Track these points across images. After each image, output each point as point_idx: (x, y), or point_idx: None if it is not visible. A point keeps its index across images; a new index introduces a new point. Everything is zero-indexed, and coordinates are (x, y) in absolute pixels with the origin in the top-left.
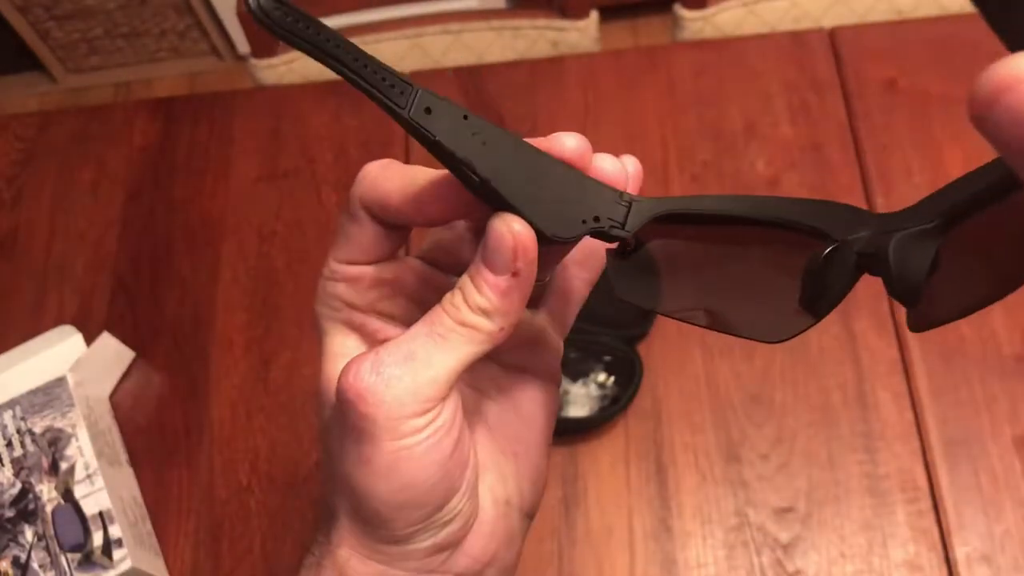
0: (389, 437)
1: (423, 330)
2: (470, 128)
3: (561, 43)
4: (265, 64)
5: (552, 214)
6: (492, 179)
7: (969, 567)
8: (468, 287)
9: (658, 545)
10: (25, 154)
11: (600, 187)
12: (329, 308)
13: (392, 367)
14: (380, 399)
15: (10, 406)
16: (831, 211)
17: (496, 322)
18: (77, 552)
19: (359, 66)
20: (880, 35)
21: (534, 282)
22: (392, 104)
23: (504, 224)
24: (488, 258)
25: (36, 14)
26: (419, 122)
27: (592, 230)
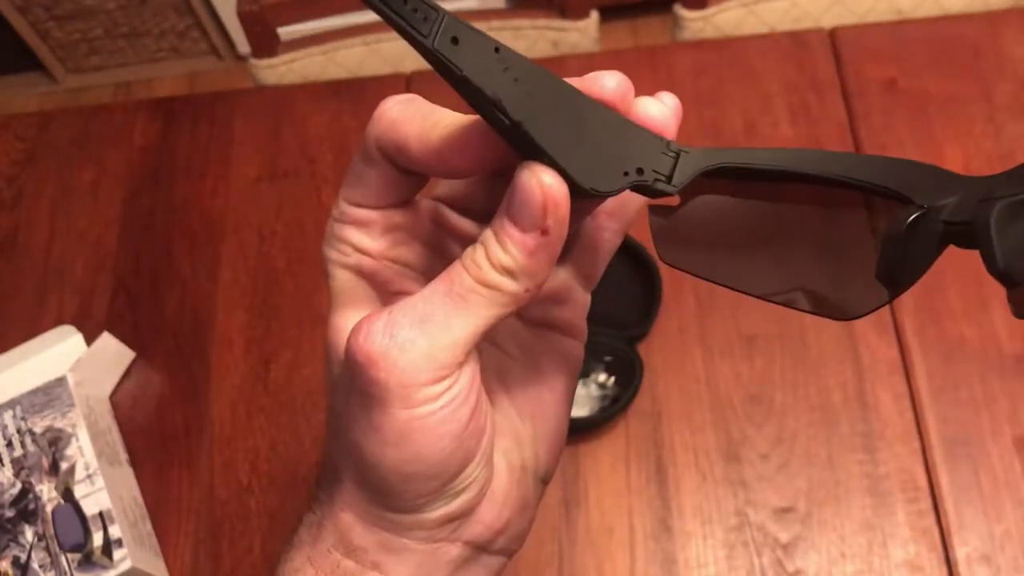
0: (401, 405)
1: (441, 289)
2: (502, 62)
3: (561, 43)
4: (265, 64)
5: (590, 164)
6: (524, 122)
7: (969, 567)
8: (491, 243)
9: (658, 545)
10: (25, 154)
11: (644, 134)
12: (338, 252)
13: (406, 329)
14: (393, 364)
15: (10, 406)
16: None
17: (521, 283)
18: (77, 552)
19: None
20: (880, 35)
21: (564, 239)
22: (413, 30)
23: (533, 176)
24: (514, 213)
25: (36, 14)
26: (444, 53)
27: (634, 183)
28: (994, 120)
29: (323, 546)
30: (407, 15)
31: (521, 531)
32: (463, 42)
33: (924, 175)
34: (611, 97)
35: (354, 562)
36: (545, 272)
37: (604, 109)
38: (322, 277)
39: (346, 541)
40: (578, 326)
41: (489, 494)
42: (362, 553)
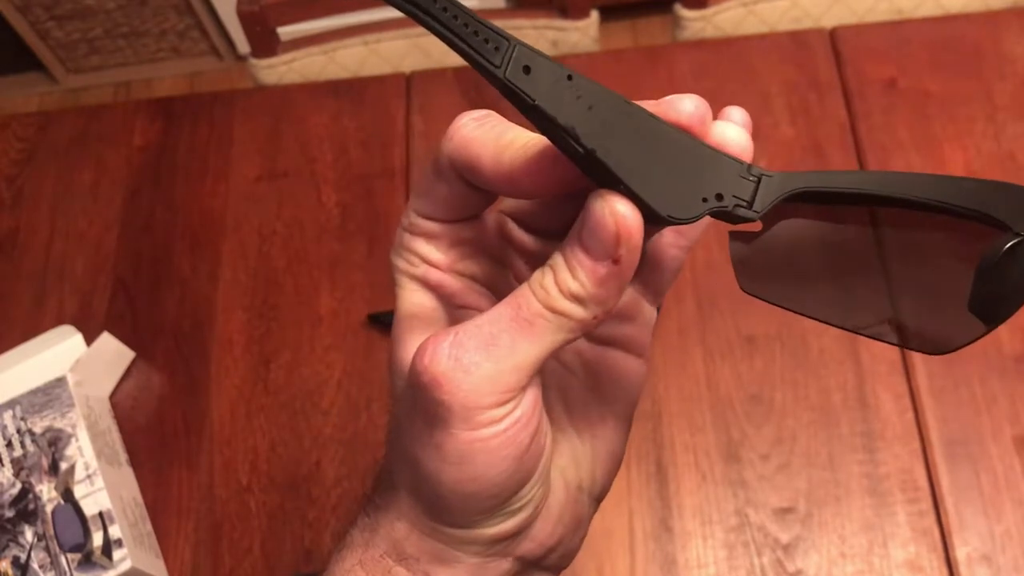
0: (464, 427)
1: (507, 312)
2: (574, 90)
3: (561, 43)
4: (265, 64)
5: (667, 191)
6: (598, 150)
7: (969, 567)
8: (561, 268)
9: (658, 545)
10: (25, 154)
11: (722, 158)
12: (406, 262)
13: (472, 352)
14: (457, 386)
15: (10, 406)
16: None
17: (589, 310)
18: (77, 552)
19: (447, 16)
20: (880, 35)
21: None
22: (485, 62)
23: (606, 205)
24: (586, 241)
25: (36, 14)
26: (516, 83)
27: (715, 210)
28: (994, 120)
29: (375, 552)
30: (478, 46)
31: (572, 548)
32: (535, 71)
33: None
34: (688, 121)
35: (405, 570)
36: (615, 300)
37: (680, 133)
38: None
39: (399, 549)
40: (643, 343)
41: (544, 512)
42: (414, 562)
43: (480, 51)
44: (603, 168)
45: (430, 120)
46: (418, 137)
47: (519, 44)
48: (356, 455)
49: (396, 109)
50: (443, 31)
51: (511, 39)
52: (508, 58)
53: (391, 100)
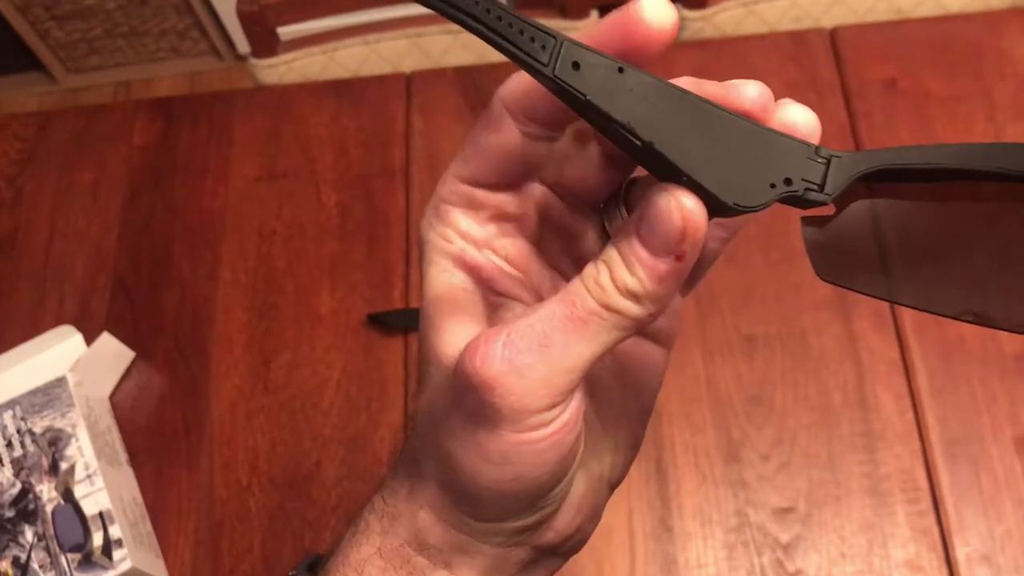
0: (512, 429)
1: (560, 310)
2: (627, 83)
3: None
4: (265, 64)
5: (732, 179)
6: (656, 142)
7: (970, 567)
8: (617, 264)
9: (658, 546)
10: (25, 154)
11: (789, 142)
12: (440, 237)
13: (525, 354)
14: (510, 390)
15: (10, 406)
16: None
17: (645, 307)
18: (77, 552)
19: (491, 17)
20: (881, 35)
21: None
22: (533, 61)
23: (672, 200)
24: (647, 235)
25: (36, 14)
26: (566, 80)
27: (784, 195)
28: (995, 120)
29: (395, 540)
30: (524, 45)
31: (587, 534)
32: (584, 66)
33: None
34: (752, 107)
35: (426, 559)
36: (671, 297)
37: (742, 120)
38: (418, 260)
39: (421, 539)
40: (671, 334)
41: (566, 503)
42: (436, 552)
43: (526, 50)
44: (663, 160)
45: (430, 120)
46: (418, 137)
47: (567, 40)
48: (356, 455)
49: (396, 109)
50: (487, 32)
51: (558, 35)
52: (556, 55)
53: (391, 100)
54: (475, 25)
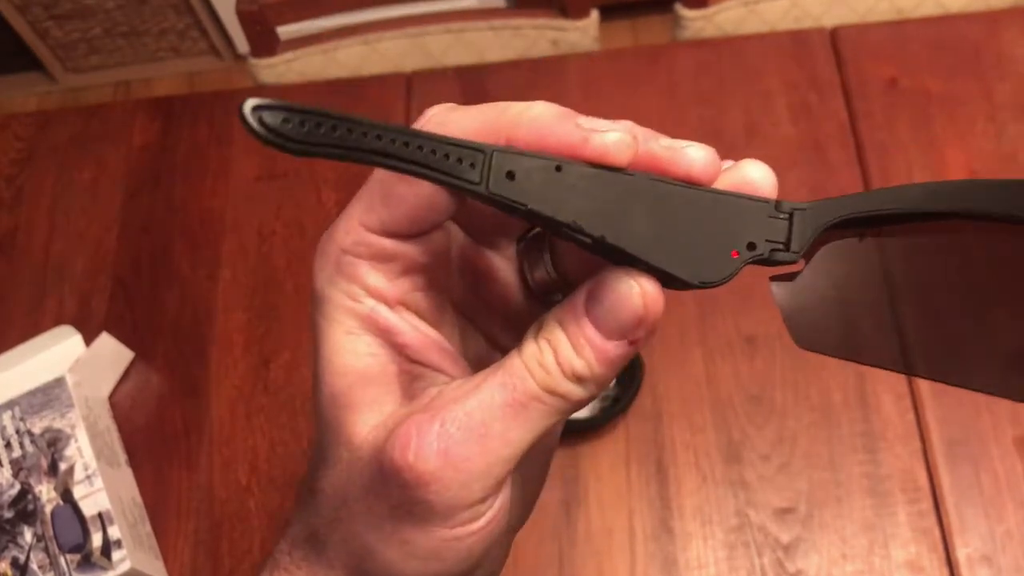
0: (444, 525)
1: (499, 397)
2: (567, 180)
3: (561, 42)
4: (265, 63)
5: (692, 255)
6: (608, 235)
7: (970, 567)
8: (563, 346)
9: (659, 546)
10: (24, 154)
11: (747, 203)
12: (344, 295)
13: (462, 446)
14: (446, 486)
15: (9, 407)
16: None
17: (589, 390)
18: (76, 553)
19: (410, 152)
20: (881, 34)
21: None
22: (463, 183)
23: (633, 285)
24: (599, 317)
25: (35, 14)
26: (502, 195)
27: (749, 261)
28: (995, 120)
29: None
30: (450, 168)
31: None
32: (519, 173)
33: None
34: (700, 174)
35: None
36: (613, 378)
37: (693, 190)
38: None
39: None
40: None
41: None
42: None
43: (453, 173)
44: (618, 251)
45: None
46: None
47: (496, 150)
48: None
49: (396, 109)
50: (404, 166)
51: (485, 148)
52: (487, 169)
53: (391, 100)
54: (387, 162)
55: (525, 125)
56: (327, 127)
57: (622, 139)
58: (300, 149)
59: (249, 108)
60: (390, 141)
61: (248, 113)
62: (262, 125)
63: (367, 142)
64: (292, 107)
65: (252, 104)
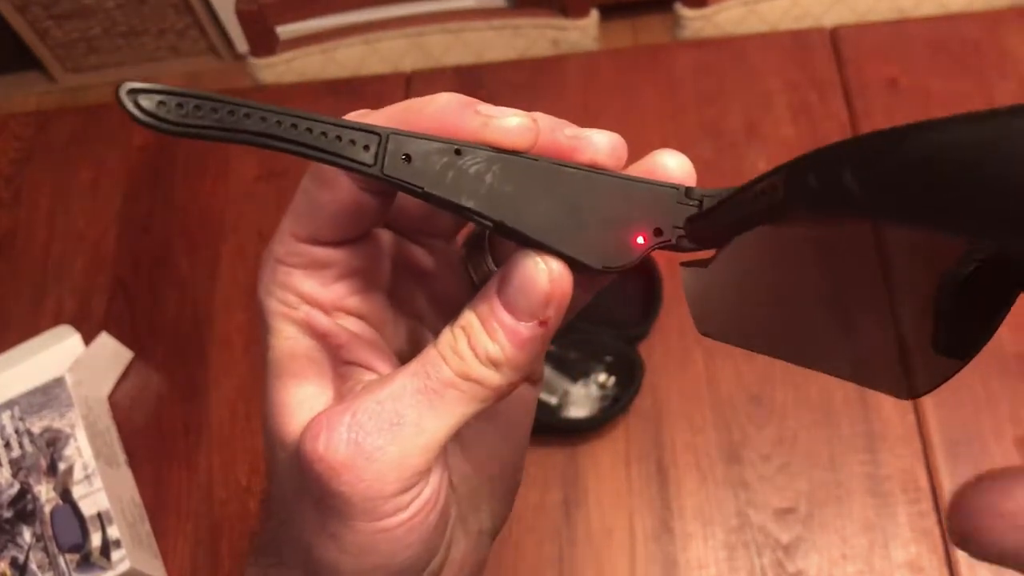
0: (364, 519)
1: (413, 384)
2: (466, 164)
3: (561, 42)
4: (264, 63)
5: (596, 240)
6: (508, 219)
7: (971, 568)
8: (476, 330)
9: (659, 546)
10: (24, 153)
11: (654, 188)
12: (281, 303)
13: (374, 435)
14: (358, 477)
15: (8, 406)
16: None
17: (506, 375)
18: (75, 553)
19: (298, 133)
20: (881, 34)
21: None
22: (356, 164)
23: (535, 264)
24: (510, 298)
25: (35, 13)
26: (396, 176)
27: (655, 247)
28: None
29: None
30: (343, 150)
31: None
32: (416, 156)
33: None
34: (604, 158)
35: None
36: (533, 364)
37: (598, 174)
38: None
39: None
40: (538, 371)
41: (446, 570)
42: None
43: (345, 155)
44: (519, 235)
45: None
46: None
47: (393, 133)
48: None
49: None
50: (295, 148)
51: (381, 131)
52: (382, 152)
53: (391, 99)
54: (271, 143)
55: (427, 115)
56: (206, 109)
57: (522, 123)
58: (177, 131)
59: (125, 91)
60: (275, 123)
61: (124, 96)
62: (138, 108)
63: (250, 124)
64: (168, 90)
65: (128, 88)
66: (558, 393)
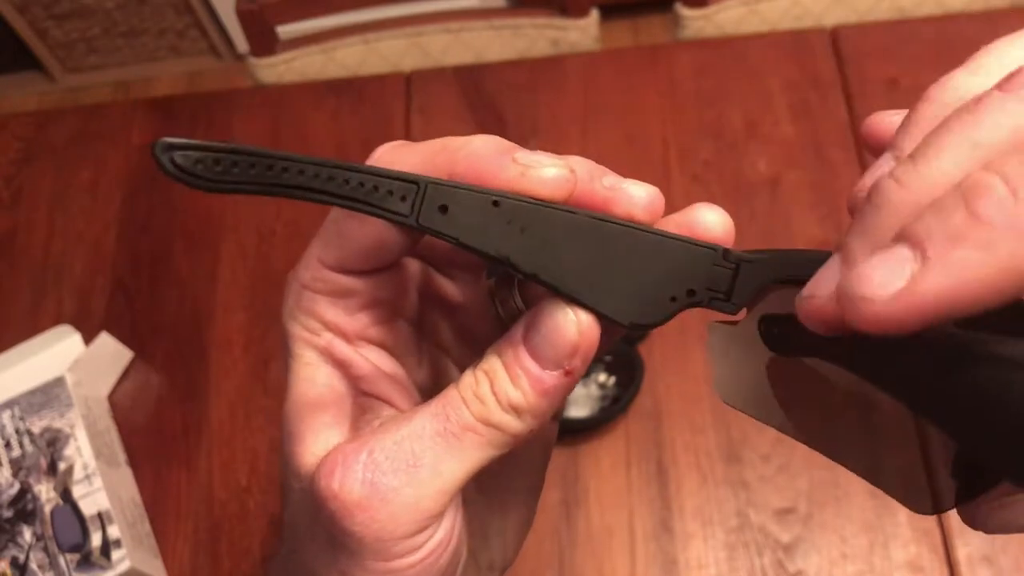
0: (376, 558)
1: (432, 426)
2: (503, 216)
3: (561, 42)
4: (264, 63)
5: (628, 296)
6: (541, 272)
7: (971, 568)
8: (499, 375)
9: (659, 546)
10: (24, 153)
11: (692, 248)
12: (304, 328)
13: (390, 476)
14: (372, 518)
15: (8, 406)
16: None
17: (527, 422)
18: (76, 553)
19: (336, 185)
20: (882, 34)
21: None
22: (392, 215)
23: (565, 315)
24: (536, 346)
25: (35, 13)
26: (432, 227)
27: (685, 306)
28: None
29: None
30: (378, 200)
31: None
32: (453, 207)
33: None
34: (642, 214)
35: None
36: (553, 411)
37: (636, 230)
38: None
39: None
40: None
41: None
42: None
43: (381, 205)
44: (552, 288)
45: (430, 119)
46: (418, 136)
47: (430, 183)
48: None
49: (396, 108)
50: (331, 199)
51: (420, 180)
52: (419, 202)
53: (391, 99)
54: (309, 195)
55: (463, 160)
56: (243, 165)
57: (559, 174)
58: (215, 187)
59: (160, 148)
60: (313, 176)
61: (160, 153)
62: (174, 165)
63: (287, 177)
64: (206, 146)
65: (165, 143)
66: None
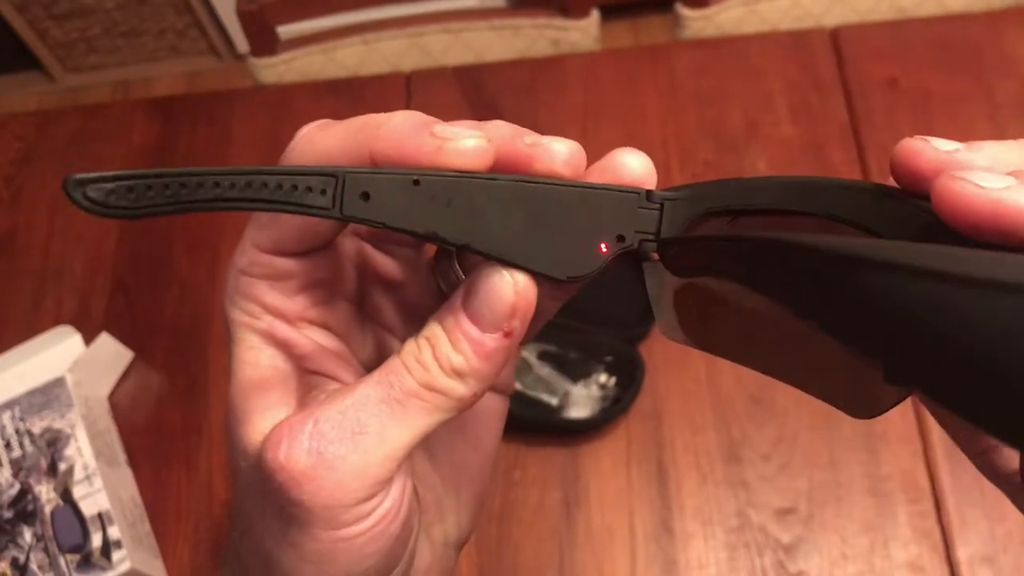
0: (325, 527)
1: (376, 394)
2: (425, 193)
3: (562, 42)
4: (264, 63)
5: (559, 251)
6: (472, 242)
7: (971, 568)
8: (441, 341)
9: (659, 546)
10: (24, 153)
11: (615, 195)
12: (244, 312)
13: (335, 444)
14: (319, 486)
15: (9, 407)
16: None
17: (470, 386)
18: (76, 553)
19: (254, 191)
20: (882, 34)
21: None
22: (315, 210)
23: (500, 277)
24: (475, 310)
25: (34, 13)
26: (356, 216)
27: (618, 252)
28: (996, 119)
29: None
30: (297, 199)
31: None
32: (375, 193)
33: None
34: (563, 168)
35: None
36: (497, 375)
37: (558, 185)
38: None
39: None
40: (507, 381)
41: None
42: None
43: (303, 203)
44: (484, 254)
45: None
46: None
47: (348, 173)
48: None
49: (396, 108)
50: (252, 205)
51: (338, 172)
52: (340, 193)
53: (391, 99)
54: (230, 205)
55: (383, 138)
56: (157, 188)
57: (477, 144)
58: (133, 215)
59: (71, 185)
60: (229, 186)
61: (72, 191)
62: (88, 200)
63: (203, 192)
64: (116, 176)
65: (74, 180)
66: (559, 393)
